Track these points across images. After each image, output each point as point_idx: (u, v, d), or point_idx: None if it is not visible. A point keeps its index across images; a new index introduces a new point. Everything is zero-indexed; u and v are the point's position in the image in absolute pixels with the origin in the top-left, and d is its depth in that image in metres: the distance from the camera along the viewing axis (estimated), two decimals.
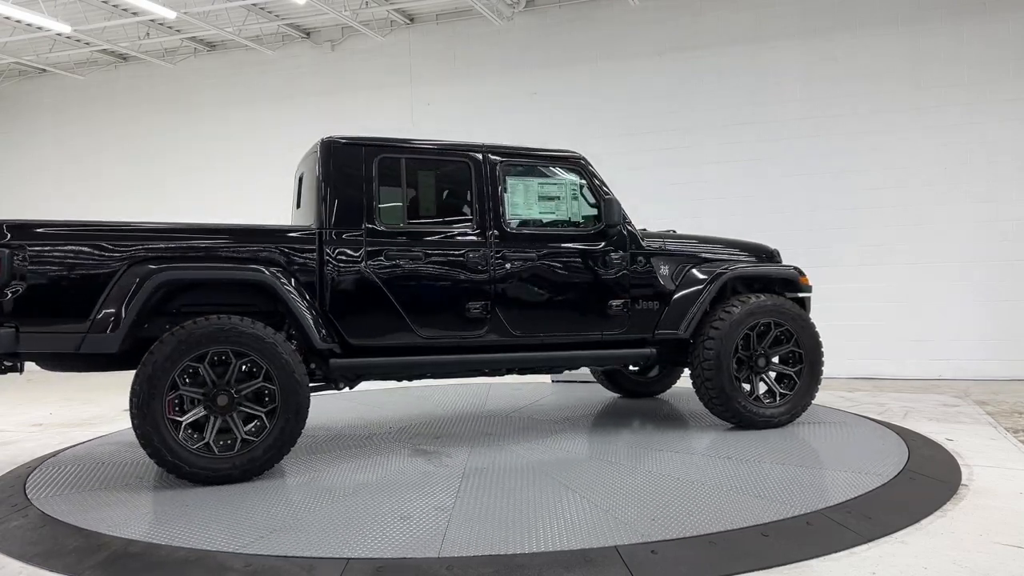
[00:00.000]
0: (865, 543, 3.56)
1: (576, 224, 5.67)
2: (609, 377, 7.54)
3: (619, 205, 5.60)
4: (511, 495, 4.27)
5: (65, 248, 4.52)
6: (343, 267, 5.00)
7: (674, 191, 10.19)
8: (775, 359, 5.91)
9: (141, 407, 4.39)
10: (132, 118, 12.98)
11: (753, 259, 6.23)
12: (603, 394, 7.70)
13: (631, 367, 7.26)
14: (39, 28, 10.75)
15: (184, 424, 4.54)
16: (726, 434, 5.70)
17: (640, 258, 5.70)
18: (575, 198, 5.69)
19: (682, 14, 10.33)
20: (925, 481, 4.53)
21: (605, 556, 3.36)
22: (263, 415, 4.67)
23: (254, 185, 11.79)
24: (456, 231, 5.35)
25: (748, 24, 10.08)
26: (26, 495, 4.48)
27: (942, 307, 9.32)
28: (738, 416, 5.70)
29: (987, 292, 9.18)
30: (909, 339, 9.40)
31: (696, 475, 4.60)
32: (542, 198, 5.65)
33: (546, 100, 10.89)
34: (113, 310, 4.45)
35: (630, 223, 5.76)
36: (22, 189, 13.47)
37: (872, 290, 9.49)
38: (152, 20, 10.89)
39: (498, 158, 5.47)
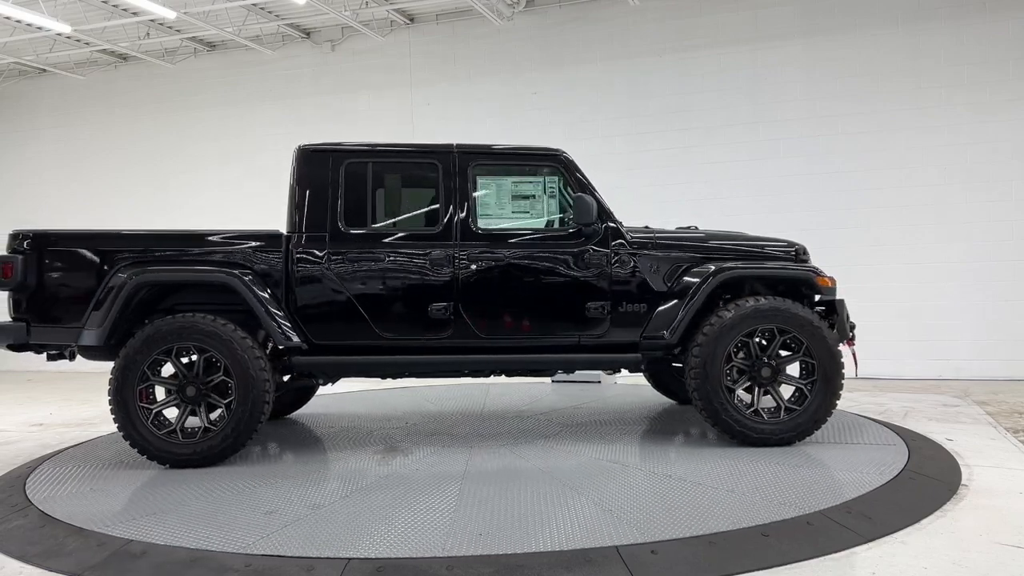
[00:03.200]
0: (865, 543, 3.57)
1: (551, 223, 5.49)
2: (657, 380, 6.96)
3: (593, 203, 5.22)
4: (401, 501, 4.16)
5: (68, 254, 5.09)
6: (307, 270, 5.19)
7: (674, 191, 10.17)
8: (790, 369, 5.40)
9: (115, 394, 4.91)
10: (132, 118, 12.97)
11: (769, 258, 5.71)
12: (658, 396, 7.15)
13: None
14: (39, 28, 10.73)
15: (154, 411, 5.00)
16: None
17: (624, 258, 5.35)
18: (553, 196, 5.51)
19: (682, 14, 10.31)
20: (925, 481, 4.53)
21: (605, 556, 3.36)
22: (224, 406, 5.02)
23: (254, 185, 11.78)
24: (420, 233, 5.35)
25: (748, 24, 10.07)
26: (26, 495, 4.50)
27: (942, 307, 9.31)
28: (729, 430, 5.23)
29: (987, 292, 9.17)
30: (909, 339, 9.39)
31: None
32: (517, 197, 5.52)
33: (546, 100, 10.87)
34: (101, 308, 4.95)
35: (614, 221, 5.41)
36: (22, 189, 13.46)
37: (872, 290, 9.47)
38: (152, 20, 10.88)
39: (468, 158, 5.39)
